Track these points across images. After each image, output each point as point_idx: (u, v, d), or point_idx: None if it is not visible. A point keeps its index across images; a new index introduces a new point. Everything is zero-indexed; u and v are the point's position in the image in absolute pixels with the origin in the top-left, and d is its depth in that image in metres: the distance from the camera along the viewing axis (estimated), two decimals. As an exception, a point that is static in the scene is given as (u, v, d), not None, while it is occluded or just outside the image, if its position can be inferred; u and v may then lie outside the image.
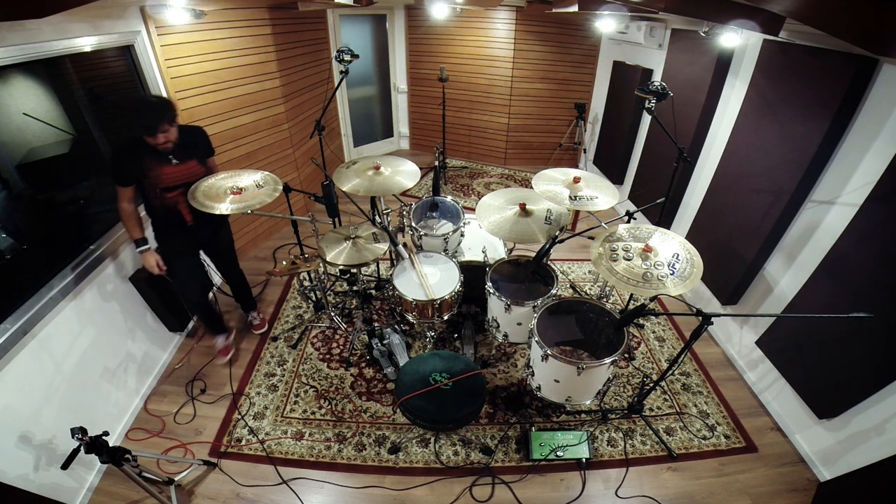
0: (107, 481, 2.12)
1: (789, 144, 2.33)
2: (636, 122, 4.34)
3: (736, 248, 2.73)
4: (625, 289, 2.00)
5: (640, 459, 2.28)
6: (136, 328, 2.54)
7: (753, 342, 2.64)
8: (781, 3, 1.46)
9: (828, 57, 2.08)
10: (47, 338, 1.93)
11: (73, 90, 2.27)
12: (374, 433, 2.38)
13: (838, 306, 2.04)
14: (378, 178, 2.60)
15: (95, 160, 2.45)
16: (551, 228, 2.39)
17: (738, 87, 2.82)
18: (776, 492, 2.15)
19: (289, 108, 3.84)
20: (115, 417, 2.34)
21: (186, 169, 2.26)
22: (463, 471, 2.21)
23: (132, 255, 2.52)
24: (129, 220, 2.21)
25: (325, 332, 3.03)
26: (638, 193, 3.49)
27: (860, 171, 2.02)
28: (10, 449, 1.73)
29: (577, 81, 5.32)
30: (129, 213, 2.19)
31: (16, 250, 1.90)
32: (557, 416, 2.49)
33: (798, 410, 2.33)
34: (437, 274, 2.53)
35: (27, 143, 2.01)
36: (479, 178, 5.58)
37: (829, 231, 2.17)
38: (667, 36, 3.65)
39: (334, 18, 4.76)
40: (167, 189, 2.21)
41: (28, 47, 1.85)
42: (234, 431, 2.38)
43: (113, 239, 2.37)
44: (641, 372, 2.78)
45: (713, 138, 3.14)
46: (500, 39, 5.11)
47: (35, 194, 2.08)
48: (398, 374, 2.07)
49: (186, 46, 2.87)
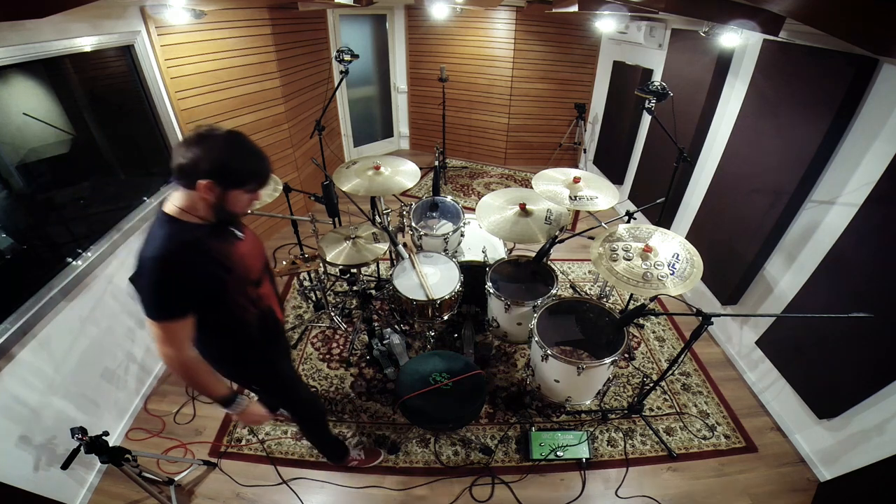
0: (107, 481, 2.12)
1: (789, 144, 2.33)
2: (636, 122, 4.34)
3: (736, 248, 2.72)
4: (625, 289, 2.00)
5: (640, 459, 2.28)
6: (136, 328, 2.53)
7: (753, 342, 2.64)
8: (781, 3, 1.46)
9: (828, 57, 2.08)
10: (47, 338, 1.93)
11: (73, 90, 2.27)
12: (375, 433, 2.38)
13: (838, 306, 2.04)
14: (378, 178, 2.60)
15: (95, 160, 2.45)
16: (551, 228, 2.39)
17: (738, 87, 2.82)
18: (776, 492, 2.15)
19: (289, 108, 3.84)
20: (115, 417, 2.34)
21: (252, 237, 1.42)
22: (463, 471, 2.21)
23: (132, 255, 2.51)
24: (208, 373, 1.33)
25: (325, 332, 3.03)
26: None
27: (860, 171, 2.02)
28: (10, 449, 1.73)
29: (577, 81, 5.32)
30: (199, 362, 1.30)
31: (16, 250, 1.90)
32: (557, 416, 2.49)
33: (798, 410, 2.33)
34: (437, 274, 2.53)
35: (27, 143, 2.01)
36: (479, 178, 5.58)
37: (829, 231, 2.17)
38: (667, 36, 3.65)
39: (334, 18, 4.76)
40: (258, 282, 1.39)
41: (28, 47, 1.85)
42: (234, 431, 2.37)
43: (113, 239, 2.37)
44: (641, 372, 2.78)
45: (713, 138, 3.14)
46: (500, 39, 5.11)
47: (35, 194, 2.08)
48: (398, 374, 2.07)
49: (186, 46, 2.87)
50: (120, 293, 2.42)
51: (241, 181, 1.17)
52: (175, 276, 1.14)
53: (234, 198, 1.18)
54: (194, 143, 1.09)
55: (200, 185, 1.10)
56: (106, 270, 2.32)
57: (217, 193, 1.13)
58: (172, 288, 1.15)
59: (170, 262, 1.13)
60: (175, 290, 1.16)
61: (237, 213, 1.25)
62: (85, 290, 2.16)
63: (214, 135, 1.12)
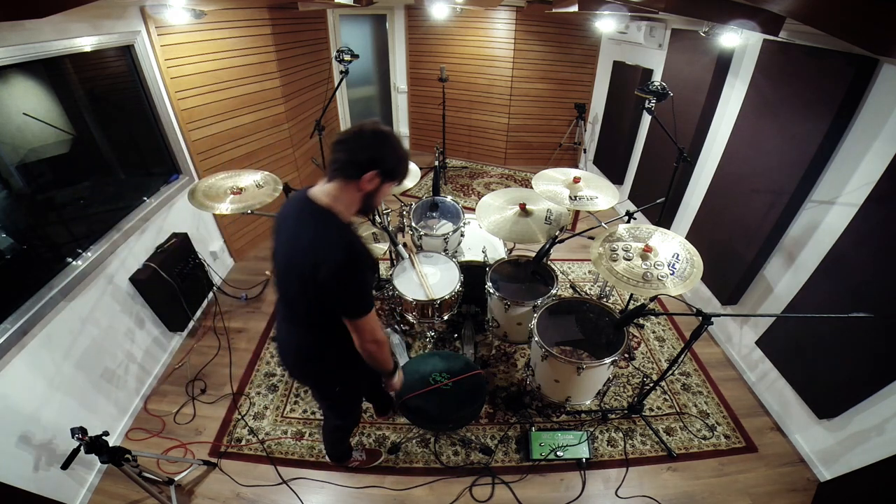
0: (107, 481, 2.12)
1: (789, 144, 2.33)
2: (636, 122, 4.34)
3: (736, 248, 2.72)
4: (625, 289, 2.00)
5: (640, 459, 2.28)
6: (136, 328, 2.53)
7: (753, 342, 2.64)
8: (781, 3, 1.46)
9: (828, 57, 2.08)
10: (47, 338, 1.93)
11: (73, 90, 2.26)
12: (374, 433, 2.38)
13: (838, 306, 2.04)
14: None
15: (95, 160, 2.44)
16: (551, 228, 2.39)
17: (738, 87, 2.82)
18: (776, 492, 2.15)
19: (289, 108, 3.84)
20: (115, 417, 2.34)
21: None
22: (463, 471, 2.21)
23: (132, 255, 2.52)
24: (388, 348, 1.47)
25: (325, 332, 3.03)
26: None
27: (860, 171, 2.02)
28: (10, 449, 1.73)
29: (577, 81, 5.31)
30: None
31: (16, 250, 1.90)
32: (557, 416, 2.49)
33: (798, 410, 2.33)
34: (437, 274, 2.53)
35: (27, 143, 2.01)
36: (479, 178, 5.58)
37: (829, 231, 2.17)
38: (667, 36, 3.65)
39: (334, 18, 4.77)
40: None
41: (28, 47, 1.85)
42: (234, 431, 2.37)
43: (113, 239, 2.37)
44: (641, 372, 2.78)
45: (713, 138, 3.14)
46: (500, 39, 5.11)
47: (35, 194, 2.08)
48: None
49: (186, 46, 2.87)
50: (120, 293, 2.42)
51: (398, 175, 1.29)
52: (368, 271, 1.29)
53: (384, 190, 1.29)
54: (369, 137, 1.20)
55: (366, 177, 1.19)
56: (106, 270, 2.32)
57: (376, 185, 1.23)
58: (369, 281, 1.31)
59: (364, 261, 1.25)
60: (370, 282, 1.32)
61: (376, 206, 1.40)
62: (85, 290, 2.16)
63: (384, 130, 1.23)
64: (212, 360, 2.80)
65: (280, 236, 1.32)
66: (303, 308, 1.36)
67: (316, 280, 1.19)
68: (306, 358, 1.52)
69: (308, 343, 1.45)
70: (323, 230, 1.21)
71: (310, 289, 1.23)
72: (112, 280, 2.36)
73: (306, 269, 1.20)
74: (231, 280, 3.55)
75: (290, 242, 1.27)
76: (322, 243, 1.19)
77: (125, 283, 2.47)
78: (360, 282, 1.25)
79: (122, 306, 2.43)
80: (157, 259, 2.62)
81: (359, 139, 1.19)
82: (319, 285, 1.19)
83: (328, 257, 1.17)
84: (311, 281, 1.20)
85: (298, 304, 1.36)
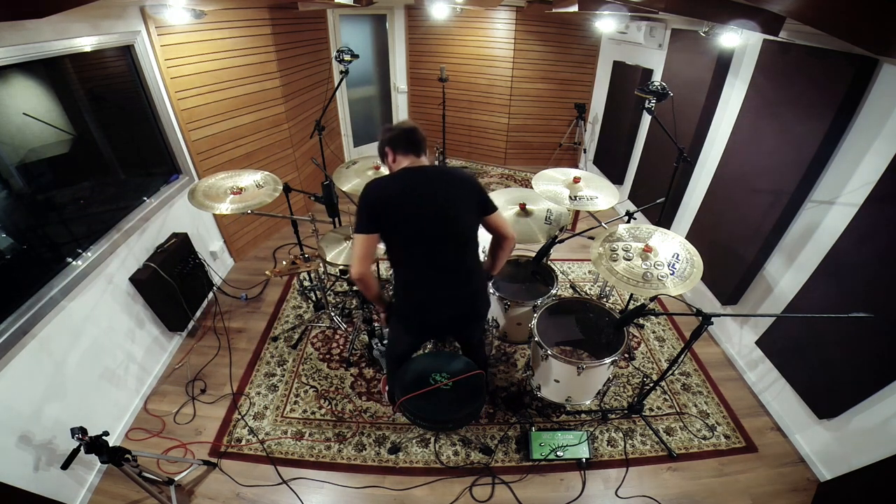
0: (107, 481, 2.12)
1: (789, 144, 2.33)
2: (636, 122, 4.34)
3: (736, 248, 2.72)
4: (625, 289, 2.00)
5: (640, 459, 2.28)
6: (136, 328, 2.53)
7: (753, 342, 2.64)
8: (781, 3, 1.46)
9: (828, 57, 2.08)
10: (47, 338, 1.92)
11: (73, 90, 2.27)
12: (374, 433, 2.38)
13: (838, 306, 2.04)
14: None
15: (95, 160, 2.44)
16: (551, 228, 2.39)
17: (738, 87, 2.82)
18: (776, 492, 2.15)
19: (289, 108, 3.84)
20: (115, 417, 2.34)
21: None
22: (463, 471, 2.21)
23: (132, 255, 2.52)
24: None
25: (325, 332, 3.03)
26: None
27: (860, 171, 2.02)
28: (10, 449, 1.73)
29: (577, 81, 5.32)
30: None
31: (16, 250, 1.90)
32: (557, 416, 2.49)
33: (798, 410, 2.33)
34: (437, 274, 2.52)
35: (27, 143, 2.01)
36: (479, 178, 5.57)
37: (829, 231, 2.17)
38: (667, 36, 3.65)
39: (334, 18, 4.76)
40: None
41: (28, 47, 1.85)
42: (234, 431, 2.37)
43: (113, 239, 2.37)
44: (641, 372, 2.78)
45: (713, 138, 3.14)
46: (500, 39, 5.11)
47: (35, 194, 2.08)
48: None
49: (186, 46, 2.87)
50: (121, 293, 2.42)
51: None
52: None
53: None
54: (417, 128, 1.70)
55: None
56: (106, 270, 2.32)
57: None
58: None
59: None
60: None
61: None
62: (85, 289, 2.16)
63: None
64: (212, 360, 2.80)
65: (421, 195, 1.61)
66: (467, 226, 1.69)
67: (479, 194, 1.69)
68: (480, 280, 1.83)
69: (478, 265, 1.80)
70: (450, 170, 1.72)
71: (474, 206, 1.68)
72: (112, 280, 2.36)
73: (468, 193, 1.67)
74: (231, 280, 3.55)
75: (443, 189, 1.63)
76: (461, 173, 1.71)
77: (125, 283, 2.47)
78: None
79: (122, 306, 2.43)
80: (157, 259, 2.62)
81: (417, 130, 1.70)
82: (481, 197, 1.69)
83: (470, 177, 1.71)
84: (476, 197, 1.68)
85: (465, 223, 1.68)
